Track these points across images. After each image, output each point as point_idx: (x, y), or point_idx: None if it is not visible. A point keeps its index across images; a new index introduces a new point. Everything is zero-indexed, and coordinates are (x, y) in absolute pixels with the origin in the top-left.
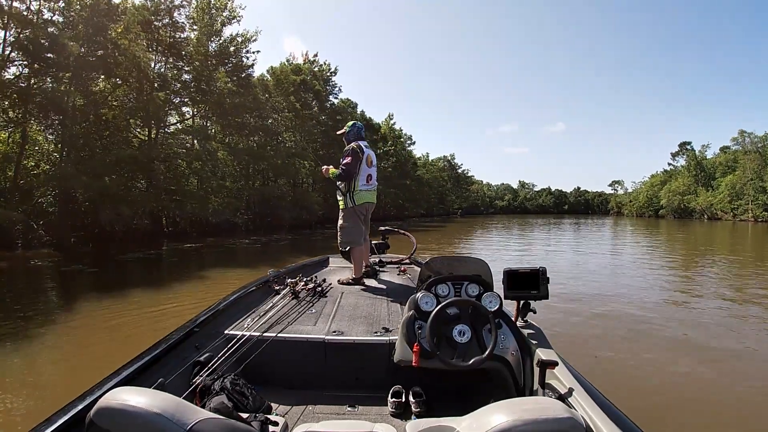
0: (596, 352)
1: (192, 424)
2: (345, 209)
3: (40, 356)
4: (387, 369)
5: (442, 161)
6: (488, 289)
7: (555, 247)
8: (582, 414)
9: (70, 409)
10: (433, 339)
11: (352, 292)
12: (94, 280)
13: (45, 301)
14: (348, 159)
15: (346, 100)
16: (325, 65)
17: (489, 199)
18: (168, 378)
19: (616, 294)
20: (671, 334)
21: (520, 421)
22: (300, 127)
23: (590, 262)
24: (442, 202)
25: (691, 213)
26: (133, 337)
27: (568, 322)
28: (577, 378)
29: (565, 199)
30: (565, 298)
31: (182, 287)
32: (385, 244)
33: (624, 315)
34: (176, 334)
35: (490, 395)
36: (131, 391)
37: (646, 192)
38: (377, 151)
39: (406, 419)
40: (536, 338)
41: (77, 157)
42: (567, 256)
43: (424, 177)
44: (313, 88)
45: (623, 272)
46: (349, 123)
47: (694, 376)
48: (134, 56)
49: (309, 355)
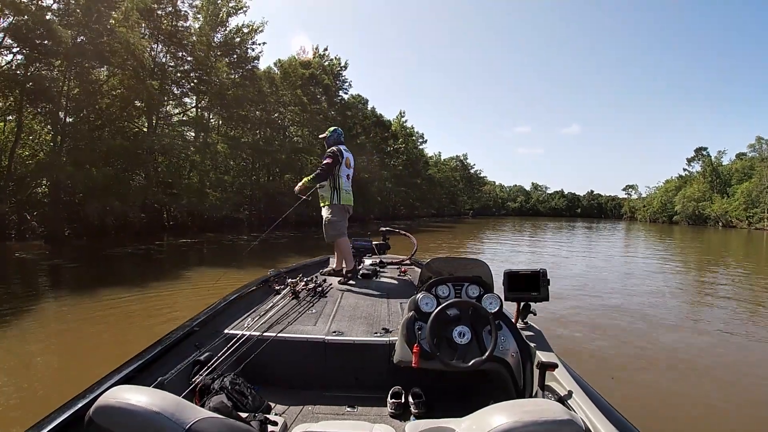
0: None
1: (191, 423)
2: (331, 205)
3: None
4: (387, 370)
5: (455, 161)
6: (489, 290)
7: (567, 251)
8: (582, 416)
9: (69, 407)
10: (433, 340)
11: (352, 292)
12: (68, 276)
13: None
14: (328, 160)
15: (357, 95)
16: (335, 60)
17: (501, 200)
18: (168, 377)
19: (637, 307)
20: (709, 360)
21: (519, 423)
22: (309, 122)
23: (613, 269)
24: (453, 202)
25: (705, 220)
26: (73, 340)
27: (585, 337)
28: (577, 380)
29: (578, 203)
30: (581, 308)
31: (151, 287)
32: (386, 244)
33: (641, 331)
34: (176, 333)
35: (489, 397)
36: (131, 389)
37: (660, 197)
38: (387, 148)
39: (405, 420)
40: (536, 340)
41: (70, 148)
42: (581, 261)
43: (436, 176)
44: (322, 82)
45: (642, 282)
46: (330, 129)
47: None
48: (128, 43)
49: (309, 355)
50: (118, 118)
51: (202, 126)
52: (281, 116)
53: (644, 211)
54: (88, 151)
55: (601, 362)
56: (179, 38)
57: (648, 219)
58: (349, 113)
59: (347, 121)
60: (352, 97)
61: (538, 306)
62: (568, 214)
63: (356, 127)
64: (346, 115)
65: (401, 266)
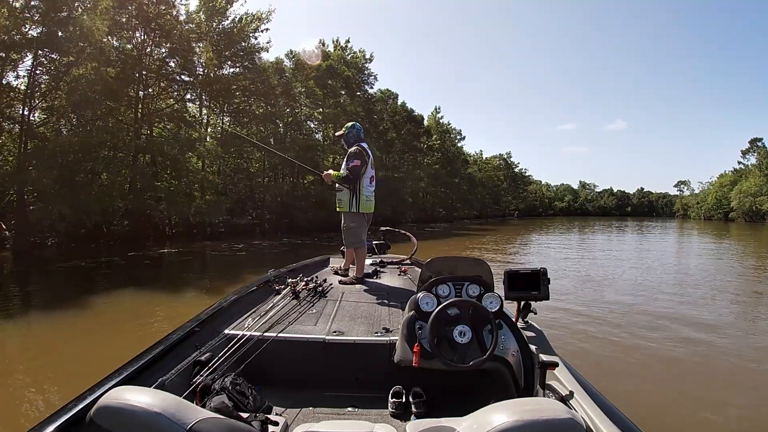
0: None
1: (192, 423)
2: (349, 212)
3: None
4: (387, 369)
5: (498, 159)
6: (489, 289)
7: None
8: (582, 415)
9: (70, 408)
10: (434, 339)
11: (352, 292)
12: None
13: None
14: (356, 162)
15: (386, 90)
16: (360, 52)
17: (548, 200)
18: (168, 377)
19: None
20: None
21: (520, 422)
22: (326, 117)
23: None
24: (497, 202)
25: (763, 216)
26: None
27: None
28: (577, 379)
29: (627, 201)
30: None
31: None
32: (386, 244)
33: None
34: (177, 334)
35: (490, 396)
36: (132, 390)
37: (715, 193)
38: (420, 145)
39: (406, 420)
40: (537, 339)
41: (31, 150)
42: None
43: (477, 176)
44: (342, 74)
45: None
46: (347, 124)
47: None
48: (90, 31)
49: (309, 355)
50: (83, 115)
51: (181, 119)
52: (293, 111)
53: (698, 209)
54: (51, 153)
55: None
56: (162, 24)
57: (702, 216)
58: (377, 107)
59: (373, 116)
60: (380, 91)
61: (538, 305)
62: (617, 213)
63: (384, 122)
64: (371, 110)
65: (401, 266)
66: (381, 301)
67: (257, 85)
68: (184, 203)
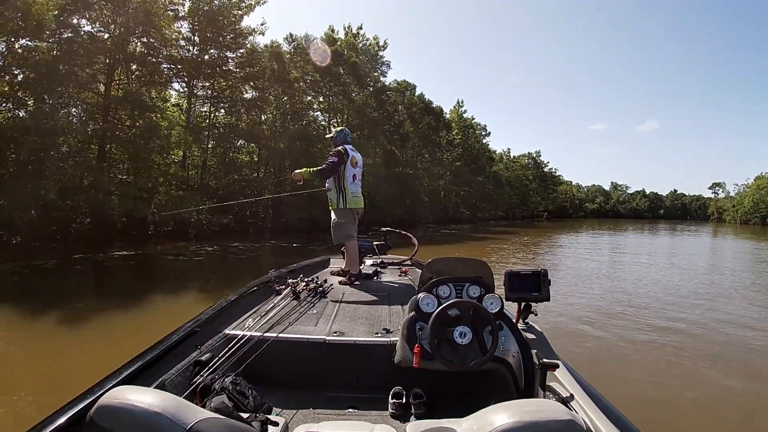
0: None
1: (192, 423)
2: (337, 209)
3: None
4: (387, 370)
5: (526, 158)
6: (489, 290)
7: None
8: (583, 416)
9: (70, 407)
10: (434, 340)
11: (353, 292)
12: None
13: None
14: (334, 158)
15: (403, 81)
16: (373, 39)
17: (578, 201)
18: (168, 377)
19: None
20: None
21: (520, 423)
22: (330, 107)
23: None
24: (524, 203)
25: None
26: None
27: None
28: (578, 380)
29: (660, 203)
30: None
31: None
32: (387, 245)
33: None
34: (177, 334)
35: (490, 397)
36: (132, 390)
37: (752, 196)
38: (439, 140)
39: (406, 420)
40: (537, 340)
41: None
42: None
43: (504, 174)
44: (348, 60)
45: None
46: (337, 128)
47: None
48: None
49: (310, 356)
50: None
51: (139, 103)
52: (290, 98)
53: (734, 212)
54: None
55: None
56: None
57: (738, 221)
58: (390, 98)
59: (386, 107)
60: (398, 83)
61: (539, 306)
62: (650, 216)
63: (400, 114)
64: (383, 100)
65: (402, 267)
66: (381, 302)
67: (245, 70)
68: (141, 199)
